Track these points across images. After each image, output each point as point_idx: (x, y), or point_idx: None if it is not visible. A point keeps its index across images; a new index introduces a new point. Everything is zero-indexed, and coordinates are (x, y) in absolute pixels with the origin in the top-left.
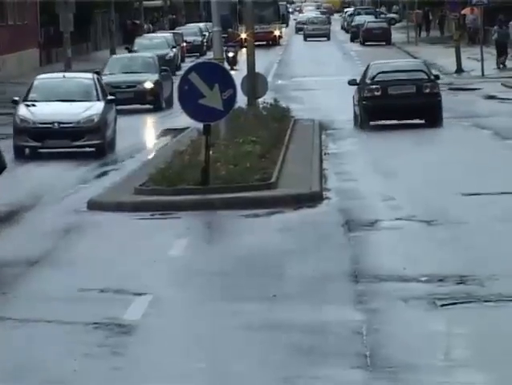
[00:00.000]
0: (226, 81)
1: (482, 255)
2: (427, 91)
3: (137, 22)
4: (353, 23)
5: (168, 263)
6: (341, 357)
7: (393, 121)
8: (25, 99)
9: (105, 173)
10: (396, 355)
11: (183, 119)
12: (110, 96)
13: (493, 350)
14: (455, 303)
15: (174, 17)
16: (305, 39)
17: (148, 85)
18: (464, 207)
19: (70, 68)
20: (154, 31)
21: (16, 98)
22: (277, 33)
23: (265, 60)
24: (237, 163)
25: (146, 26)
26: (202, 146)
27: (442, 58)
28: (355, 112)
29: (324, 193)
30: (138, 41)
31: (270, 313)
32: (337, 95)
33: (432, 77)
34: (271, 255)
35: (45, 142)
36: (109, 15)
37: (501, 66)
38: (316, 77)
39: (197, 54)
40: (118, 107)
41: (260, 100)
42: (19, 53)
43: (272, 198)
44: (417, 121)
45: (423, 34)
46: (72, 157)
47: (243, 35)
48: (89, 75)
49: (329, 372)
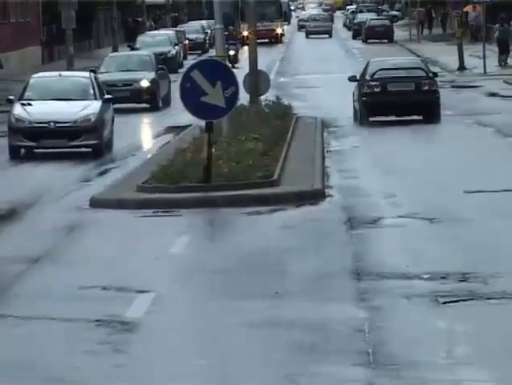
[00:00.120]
0: (228, 78)
1: (485, 252)
2: (425, 88)
3: (139, 20)
4: (355, 21)
5: (169, 261)
6: (343, 354)
7: (392, 117)
8: (20, 98)
9: (106, 171)
10: (399, 353)
11: (181, 117)
12: (107, 95)
13: (495, 347)
14: (457, 301)
15: (176, 14)
16: (307, 36)
17: (145, 83)
18: (466, 204)
19: (72, 66)
20: (156, 29)
21: (11, 97)
22: (279, 31)
23: (267, 58)
24: (239, 160)
25: (148, 24)
26: (204, 143)
27: (444, 55)
28: (354, 108)
29: (326, 191)
30: (140, 38)
31: (272, 310)
32: (339, 93)
33: (430, 74)
34: (273, 252)
35: (41, 142)
36: (111, 13)
37: (502, 63)
38: (318, 74)
39: (200, 51)
40: (114, 106)
41: (262, 98)
42: (21, 50)
43: (274, 195)
44: (415, 117)
45: (425, 32)
46: (68, 157)
47: (245, 33)
48: (86, 74)
49: (331, 369)
